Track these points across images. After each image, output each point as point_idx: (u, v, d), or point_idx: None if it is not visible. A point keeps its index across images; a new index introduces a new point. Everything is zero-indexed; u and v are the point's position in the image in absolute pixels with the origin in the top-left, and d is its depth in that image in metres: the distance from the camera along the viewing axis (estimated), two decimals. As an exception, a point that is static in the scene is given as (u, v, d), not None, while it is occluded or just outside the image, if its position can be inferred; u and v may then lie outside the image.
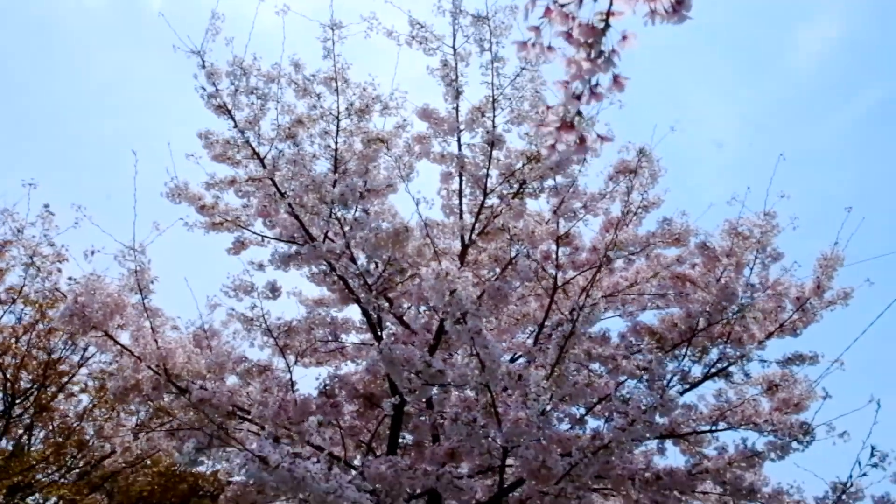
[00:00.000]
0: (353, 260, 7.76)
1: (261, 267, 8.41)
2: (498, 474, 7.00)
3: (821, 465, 6.76)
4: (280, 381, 7.93)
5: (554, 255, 8.22)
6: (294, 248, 7.80)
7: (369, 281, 7.76)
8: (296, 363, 8.48)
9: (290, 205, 7.65)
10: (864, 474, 6.10)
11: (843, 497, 6.30)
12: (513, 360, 8.45)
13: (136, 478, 10.48)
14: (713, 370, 7.98)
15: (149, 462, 10.64)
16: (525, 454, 5.95)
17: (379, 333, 7.94)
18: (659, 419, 6.38)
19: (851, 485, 6.23)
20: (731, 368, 7.96)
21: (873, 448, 6.04)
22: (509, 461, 6.75)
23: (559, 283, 8.13)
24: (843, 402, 7.10)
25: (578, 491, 6.49)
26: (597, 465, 6.11)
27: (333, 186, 7.54)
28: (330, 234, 7.77)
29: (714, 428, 7.72)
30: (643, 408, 5.96)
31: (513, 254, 7.71)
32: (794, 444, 6.87)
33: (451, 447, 6.83)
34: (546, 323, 8.15)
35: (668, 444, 7.84)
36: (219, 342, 7.82)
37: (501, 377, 5.83)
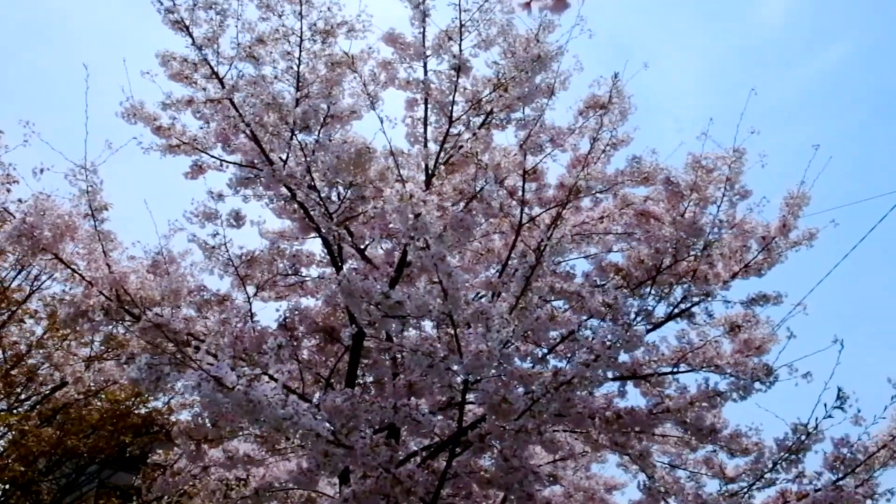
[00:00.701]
0: (313, 188, 7.55)
1: (220, 197, 8.20)
2: (458, 410, 6.88)
3: (783, 406, 6.75)
4: (239, 311, 7.77)
5: (520, 191, 8.06)
6: (254, 172, 7.58)
7: (330, 209, 7.56)
8: (255, 295, 8.33)
9: (248, 124, 7.38)
10: (830, 416, 6.07)
11: (804, 438, 6.27)
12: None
13: (90, 410, 10.28)
14: (676, 310, 7.90)
15: (102, 396, 10.45)
16: (486, 387, 5.83)
17: (339, 265, 7.77)
18: (623, 356, 6.29)
19: (816, 427, 6.20)
20: (695, 309, 7.89)
21: (840, 389, 6.00)
22: (470, 397, 6.64)
23: (524, 220, 7.98)
24: (806, 344, 7.09)
25: (539, 427, 6.40)
26: (558, 401, 6.00)
27: (296, 107, 7.30)
28: (291, 162, 7.55)
29: (675, 370, 7.66)
30: (608, 343, 5.83)
31: (478, 187, 7.53)
32: (756, 385, 6.82)
33: (411, 381, 6.71)
34: (511, 261, 8.01)
35: (629, 386, 7.77)
36: (176, 269, 7.60)
37: (464, 306, 5.68)
